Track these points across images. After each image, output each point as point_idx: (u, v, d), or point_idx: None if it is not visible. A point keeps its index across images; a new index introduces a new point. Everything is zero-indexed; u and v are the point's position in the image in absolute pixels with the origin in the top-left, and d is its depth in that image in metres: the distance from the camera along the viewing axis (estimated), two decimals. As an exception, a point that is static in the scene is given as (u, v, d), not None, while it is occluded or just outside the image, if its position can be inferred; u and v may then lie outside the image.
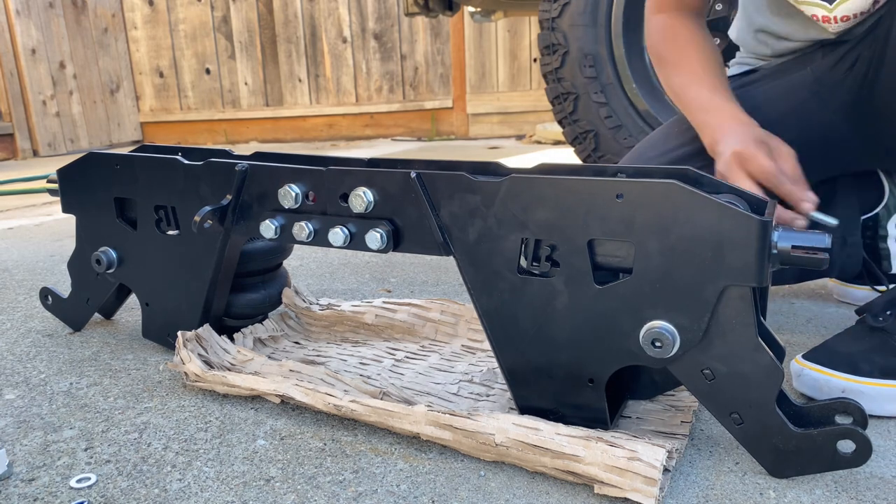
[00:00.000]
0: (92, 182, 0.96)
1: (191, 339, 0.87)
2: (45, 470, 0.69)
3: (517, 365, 0.71)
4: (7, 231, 2.06)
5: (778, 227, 0.61)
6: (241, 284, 0.99)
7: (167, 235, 0.92)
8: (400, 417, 0.70)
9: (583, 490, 0.63)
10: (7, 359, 0.99)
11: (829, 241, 0.59)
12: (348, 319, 1.03)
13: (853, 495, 0.62)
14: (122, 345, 1.02)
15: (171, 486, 0.65)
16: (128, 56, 5.19)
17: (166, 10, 5.07)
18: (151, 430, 0.76)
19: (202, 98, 5.18)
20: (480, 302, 0.71)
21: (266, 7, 4.93)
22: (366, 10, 4.78)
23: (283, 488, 0.65)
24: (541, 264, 0.67)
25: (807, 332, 1.02)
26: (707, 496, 0.62)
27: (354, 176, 0.75)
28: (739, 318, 0.60)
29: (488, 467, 0.67)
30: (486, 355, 0.92)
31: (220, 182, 0.84)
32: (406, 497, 0.63)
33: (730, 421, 0.63)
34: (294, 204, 0.78)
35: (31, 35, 4.38)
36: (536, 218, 0.66)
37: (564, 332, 0.67)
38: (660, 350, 0.62)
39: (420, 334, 0.99)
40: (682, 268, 0.61)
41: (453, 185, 0.69)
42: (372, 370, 0.87)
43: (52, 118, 4.55)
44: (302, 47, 4.93)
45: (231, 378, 0.81)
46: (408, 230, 0.73)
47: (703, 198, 0.59)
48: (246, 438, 0.74)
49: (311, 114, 5.01)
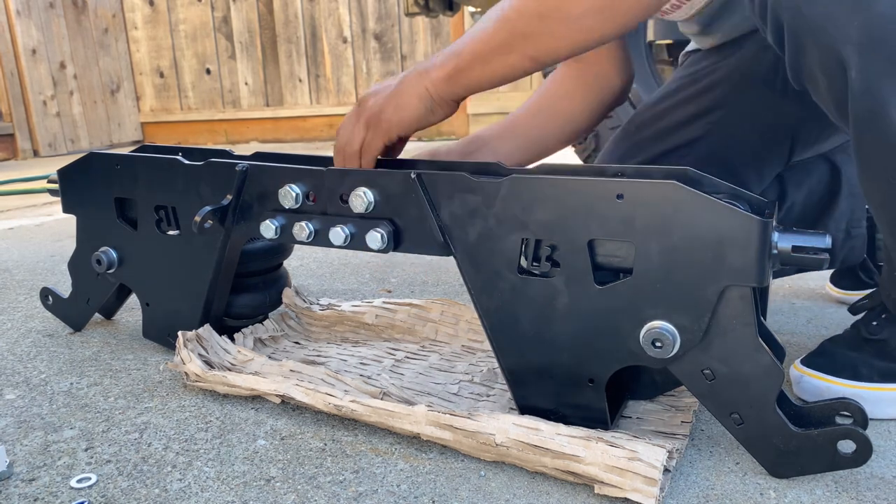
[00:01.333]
0: (92, 182, 0.96)
1: (191, 339, 0.87)
2: (46, 470, 0.69)
3: (517, 365, 0.71)
4: (7, 231, 2.06)
5: (778, 227, 0.61)
6: (241, 284, 0.99)
7: (167, 235, 0.92)
8: (400, 417, 0.70)
9: (583, 490, 0.63)
10: (7, 359, 0.99)
11: (829, 241, 0.60)
12: (348, 319, 1.03)
13: (853, 495, 0.62)
14: (122, 345, 1.02)
15: (171, 486, 0.66)
16: (128, 56, 5.19)
17: (167, 11, 5.08)
18: (152, 430, 0.76)
19: (202, 98, 5.18)
20: (481, 302, 0.71)
21: (266, 7, 4.93)
22: (366, 11, 4.78)
23: (284, 488, 0.65)
24: (541, 264, 0.67)
25: (807, 333, 1.02)
26: (707, 496, 0.62)
27: (355, 176, 0.75)
28: (740, 318, 0.60)
29: (489, 467, 0.67)
30: (486, 355, 0.92)
31: (221, 182, 0.84)
32: (406, 497, 0.63)
33: (730, 421, 0.63)
34: (294, 204, 0.78)
35: (31, 35, 4.38)
36: (537, 218, 0.66)
37: (565, 332, 0.67)
38: (660, 350, 0.62)
39: (420, 334, 0.99)
40: (682, 268, 0.61)
41: (454, 185, 0.69)
42: (372, 370, 0.87)
43: (52, 118, 4.55)
44: (302, 47, 4.93)
45: (231, 378, 0.81)
46: (408, 230, 0.73)
47: (703, 198, 0.59)
48: (246, 438, 0.74)
49: (311, 114, 5.01)
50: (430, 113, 0.76)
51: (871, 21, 0.58)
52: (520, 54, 0.71)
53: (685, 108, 0.94)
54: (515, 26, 0.70)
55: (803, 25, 0.62)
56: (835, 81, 0.62)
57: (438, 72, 0.74)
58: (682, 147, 0.91)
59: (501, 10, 0.71)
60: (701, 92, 0.94)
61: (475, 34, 0.73)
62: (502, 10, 0.71)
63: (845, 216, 0.98)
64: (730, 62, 0.94)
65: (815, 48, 0.62)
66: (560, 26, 0.69)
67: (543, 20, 0.68)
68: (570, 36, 0.69)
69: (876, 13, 0.57)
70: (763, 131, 0.90)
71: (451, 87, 0.75)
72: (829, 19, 0.60)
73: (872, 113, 0.59)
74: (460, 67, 0.74)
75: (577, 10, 0.67)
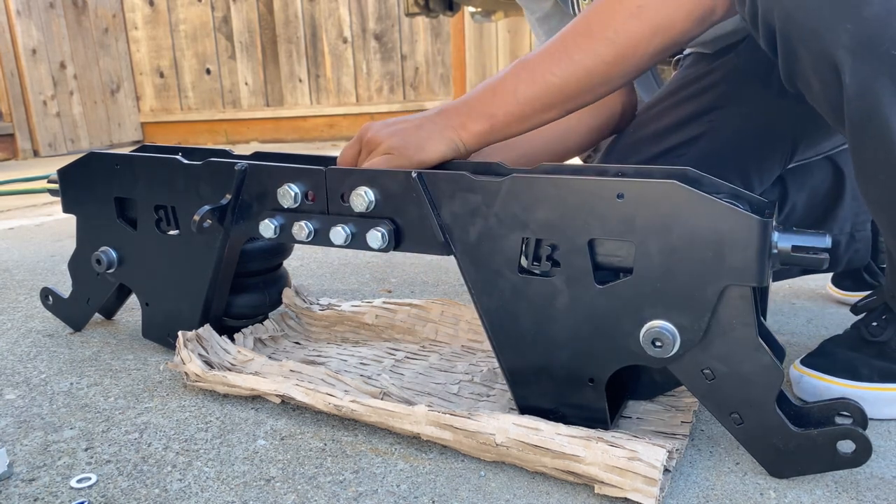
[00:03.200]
0: (92, 182, 0.96)
1: (191, 339, 0.87)
2: (46, 470, 0.69)
3: (517, 365, 0.71)
4: (7, 231, 2.06)
5: (778, 227, 0.61)
6: (241, 284, 0.99)
7: (167, 235, 0.92)
8: (400, 417, 0.70)
9: (583, 490, 0.63)
10: (7, 359, 0.99)
11: (829, 241, 0.59)
12: (348, 319, 1.03)
13: (853, 495, 0.62)
14: (122, 345, 1.02)
15: (171, 486, 0.65)
16: (128, 56, 5.19)
17: (167, 11, 5.08)
18: (152, 430, 0.76)
19: (203, 98, 5.18)
20: (481, 301, 0.71)
21: (266, 7, 4.93)
22: (366, 11, 4.78)
23: (284, 488, 0.65)
24: (541, 264, 0.67)
25: (807, 333, 1.02)
26: (707, 496, 0.62)
27: (355, 175, 0.75)
28: (740, 317, 0.60)
29: (489, 467, 0.67)
30: (486, 355, 0.92)
31: (220, 181, 0.84)
32: (406, 497, 0.63)
33: (730, 421, 0.63)
34: (293, 203, 0.78)
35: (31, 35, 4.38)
36: (537, 217, 0.66)
37: (565, 332, 0.67)
38: (660, 350, 0.62)
39: (420, 334, 0.99)
40: (682, 267, 0.61)
41: (454, 184, 0.69)
42: (372, 370, 0.87)
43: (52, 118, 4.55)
44: (302, 47, 4.93)
45: (231, 378, 0.81)
46: (409, 229, 0.73)
47: (703, 198, 0.59)
48: (246, 438, 0.74)
49: (311, 114, 5.01)
50: (455, 153, 0.77)
51: (862, 24, 0.57)
52: (560, 110, 0.74)
53: (684, 108, 0.94)
54: (562, 90, 0.72)
55: (795, 31, 0.62)
56: (829, 86, 0.62)
57: (469, 130, 0.75)
58: (681, 146, 0.91)
59: (541, 74, 0.72)
60: (700, 91, 0.94)
61: (508, 96, 0.74)
62: (542, 74, 0.72)
63: (849, 219, 0.98)
64: (729, 62, 0.93)
65: (808, 53, 0.62)
66: (604, 88, 0.72)
67: (591, 81, 0.71)
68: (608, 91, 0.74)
69: (867, 16, 0.57)
70: (762, 131, 0.89)
71: (483, 142, 0.77)
72: (821, 24, 0.59)
73: (868, 116, 0.59)
74: (496, 128, 0.75)
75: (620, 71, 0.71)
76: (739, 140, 0.90)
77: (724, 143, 0.90)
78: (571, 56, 0.71)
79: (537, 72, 0.73)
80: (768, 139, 0.90)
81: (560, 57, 0.72)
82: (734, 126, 0.90)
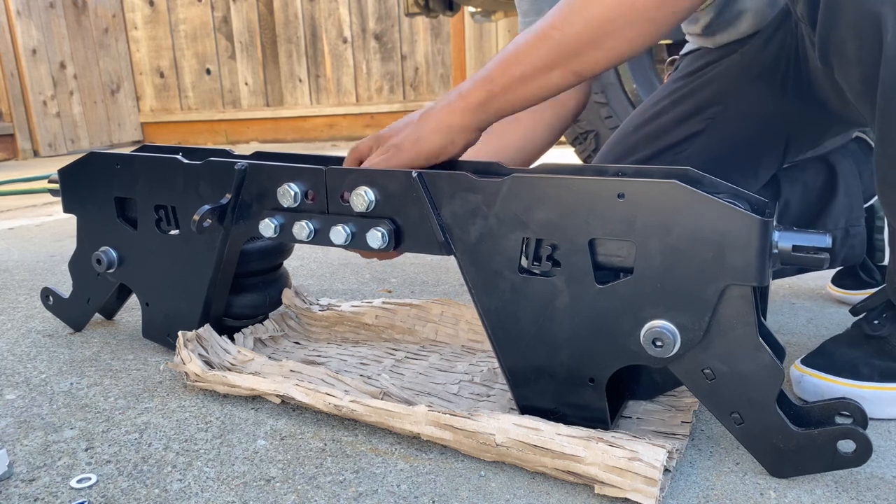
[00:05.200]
0: (92, 182, 0.96)
1: (191, 339, 0.87)
2: (46, 470, 0.69)
3: (518, 364, 0.71)
4: (8, 231, 2.06)
5: (779, 226, 0.61)
6: (241, 284, 0.99)
7: (167, 235, 0.92)
8: (400, 417, 0.70)
9: (583, 490, 0.63)
10: (7, 359, 0.99)
11: (829, 240, 0.59)
12: (348, 320, 1.03)
13: (853, 495, 0.62)
14: (122, 345, 1.02)
15: (171, 486, 0.65)
16: (128, 56, 5.19)
17: (167, 11, 5.08)
18: (152, 431, 0.76)
19: (203, 98, 5.19)
20: (481, 301, 0.71)
21: (266, 7, 4.93)
22: (366, 11, 4.78)
23: (284, 488, 0.65)
24: (542, 264, 0.67)
25: (807, 333, 1.02)
26: (707, 496, 0.62)
27: (355, 175, 0.75)
28: (740, 317, 0.60)
29: (489, 467, 0.67)
30: (486, 355, 0.92)
31: (220, 181, 0.84)
32: (406, 497, 0.63)
33: (730, 420, 0.63)
34: (293, 203, 0.78)
35: (31, 35, 4.38)
36: (537, 217, 0.66)
37: (565, 332, 0.67)
38: (660, 349, 0.62)
39: (420, 335, 0.99)
40: (682, 267, 0.61)
41: (455, 184, 0.69)
42: (372, 370, 0.87)
43: (52, 118, 4.55)
44: (302, 47, 4.93)
45: (231, 378, 0.81)
46: (409, 229, 0.73)
47: (704, 197, 0.59)
48: (246, 438, 0.74)
49: (311, 114, 5.01)
50: (451, 144, 0.74)
51: None
52: (563, 69, 0.70)
53: (683, 105, 0.94)
54: (562, 42, 0.68)
55: None
56: (866, 46, 0.61)
57: (466, 101, 0.73)
58: (680, 143, 0.91)
59: (541, 29, 0.70)
60: (698, 88, 0.94)
61: (508, 57, 0.71)
62: (542, 29, 0.69)
63: (843, 215, 0.98)
64: (728, 60, 0.94)
65: (852, 8, 0.61)
66: (609, 39, 0.68)
67: (593, 33, 0.67)
68: (618, 47, 0.68)
69: None
70: (761, 129, 0.90)
71: (482, 114, 0.73)
72: None
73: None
74: (494, 93, 0.72)
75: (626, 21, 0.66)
76: (738, 137, 0.90)
77: (723, 140, 0.90)
78: (571, 6, 0.68)
79: (537, 30, 0.70)
80: (766, 137, 0.90)
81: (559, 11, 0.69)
82: (734, 124, 0.90)
